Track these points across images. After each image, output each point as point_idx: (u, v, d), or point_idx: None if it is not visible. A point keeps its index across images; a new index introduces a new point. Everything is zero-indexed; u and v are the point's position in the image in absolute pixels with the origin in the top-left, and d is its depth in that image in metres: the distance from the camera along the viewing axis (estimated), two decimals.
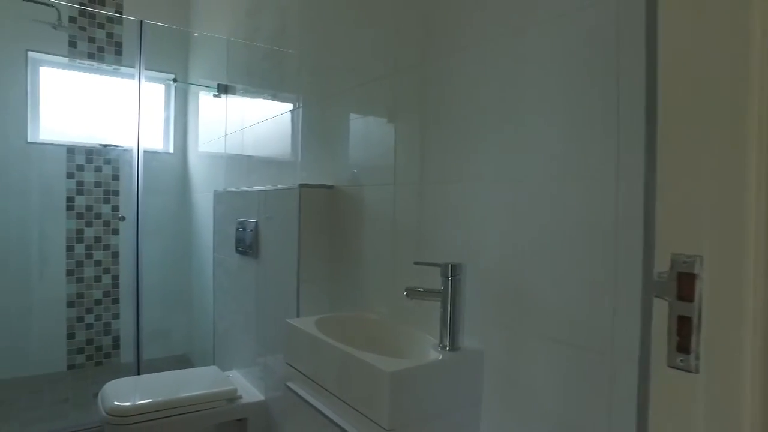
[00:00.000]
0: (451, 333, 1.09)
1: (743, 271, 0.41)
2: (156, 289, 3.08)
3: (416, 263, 1.17)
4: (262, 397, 1.86)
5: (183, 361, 3.26)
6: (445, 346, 1.09)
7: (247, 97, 2.46)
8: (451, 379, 1.05)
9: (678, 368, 0.45)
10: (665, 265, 0.46)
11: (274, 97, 2.16)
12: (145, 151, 2.66)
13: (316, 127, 1.81)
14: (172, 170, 3.42)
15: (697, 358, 0.44)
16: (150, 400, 1.71)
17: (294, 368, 1.29)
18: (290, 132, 2.00)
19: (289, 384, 1.29)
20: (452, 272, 1.08)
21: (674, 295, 0.46)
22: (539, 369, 0.98)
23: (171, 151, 3.44)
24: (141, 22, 2.53)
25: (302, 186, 1.59)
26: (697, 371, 0.44)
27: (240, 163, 2.48)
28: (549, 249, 0.96)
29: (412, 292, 1.13)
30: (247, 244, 1.94)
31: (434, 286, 1.13)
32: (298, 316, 1.56)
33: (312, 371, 1.21)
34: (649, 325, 0.45)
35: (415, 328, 1.26)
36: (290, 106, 1.99)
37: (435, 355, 1.08)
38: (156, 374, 2.02)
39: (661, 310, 0.46)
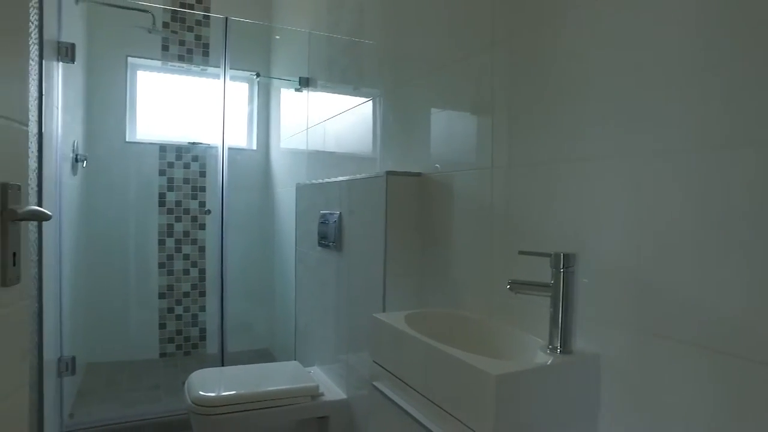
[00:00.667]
0: (562, 333, 0.95)
1: None
2: (240, 284, 3.14)
3: (521, 253, 1.04)
4: (344, 396, 1.80)
5: (265, 355, 3.31)
6: (556, 348, 0.95)
7: (328, 89, 2.43)
8: (562, 386, 0.91)
9: None
10: None
11: (355, 88, 2.10)
12: (229, 148, 2.72)
13: (397, 117, 1.72)
14: (256, 166, 3.49)
15: None
16: (234, 392, 1.70)
17: (381, 367, 1.20)
18: (371, 123, 1.93)
19: (376, 384, 1.20)
20: (565, 263, 0.94)
21: None
22: (677, 382, 0.81)
23: (254, 147, 3.52)
24: (226, 19, 2.58)
25: (389, 173, 1.50)
26: None
27: (322, 156, 2.45)
28: (691, 236, 0.79)
29: (516, 286, 1.00)
30: (330, 237, 1.89)
31: (540, 280, 1.00)
32: (383, 312, 1.47)
33: (402, 371, 1.12)
34: None
35: (516, 327, 1.13)
36: (371, 96, 1.92)
37: (544, 357, 0.94)
38: (239, 366, 2.03)
39: None
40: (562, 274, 0.95)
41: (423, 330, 1.11)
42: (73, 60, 2.23)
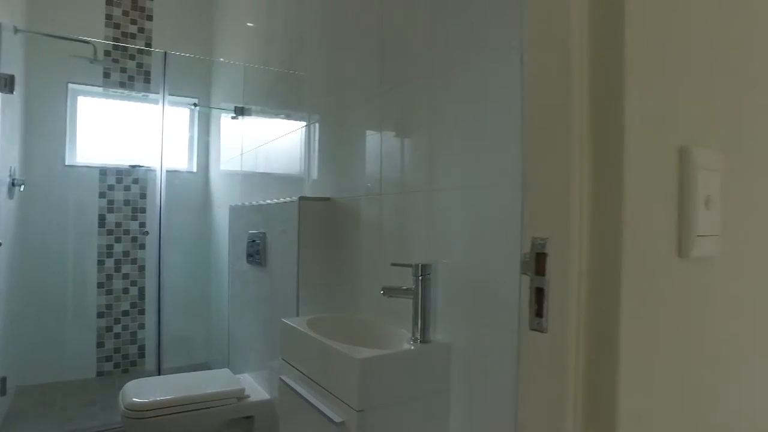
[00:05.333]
0: (421, 327, 1.21)
1: (571, 248, 0.53)
2: (179, 301, 3.28)
3: (392, 264, 1.30)
4: (268, 397, 2.00)
5: (203, 369, 3.42)
6: (417, 339, 1.21)
7: (262, 117, 2.66)
8: (420, 368, 1.17)
9: (535, 330, 0.57)
10: (528, 247, 0.58)
11: (287, 116, 2.33)
12: (167, 171, 2.88)
13: (323, 144, 1.97)
14: (196, 188, 3.65)
15: (547, 320, 0.56)
16: (164, 397, 1.86)
17: (287, 362, 1.43)
18: (302, 149, 2.16)
19: (282, 377, 1.42)
20: (422, 271, 1.21)
21: (533, 271, 0.57)
22: (499, 360, 1.08)
23: (194, 170, 3.67)
24: (165, 53, 2.77)
25: (301, 199, 1.74)
26: (546, 331, 0.56)
27: (256, 179, 2.67)
28: (507, 248, 1.07)
29: (388, 290, 1.26)
30: (256, 255, 2.11)
31: (410, 286, 1.26)
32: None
33: (301, 364, 1.35)
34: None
35: (397, 326, 1.39)
36: (302, 124, 2.15)
37: (406, 346, 1.20)
38: (173, 375, 2.19)
39: (526, 284, 0.58)
40: (420, 279, 1.21)
41: (321, 330, 1.35)
42: (11, 91, 2.36)
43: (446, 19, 1.26)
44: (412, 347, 1.19)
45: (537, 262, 0.57)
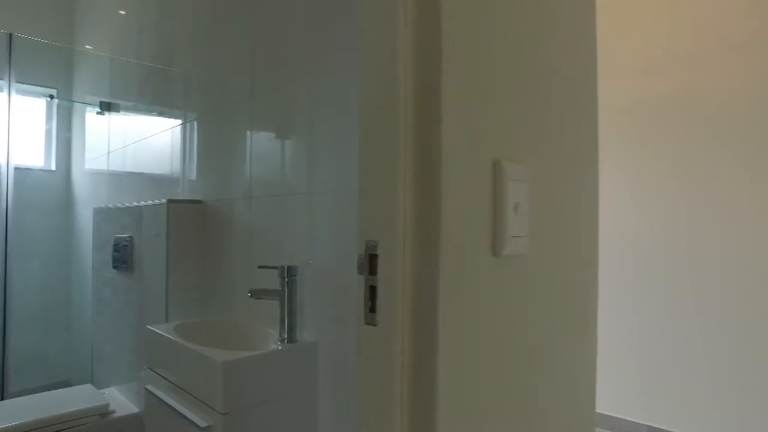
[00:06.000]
0: (288, 327, 1.24)
1: (396, 250, 0.60)
2: (32, 314, 2.94)
3: (259, 267, 1.31)
4: (136, 410, 1.89)
5: (64, 387, 3.11)
6: (284, 339, 1.24)
7: (133, 114, 2.49)
8: (286, 367, 1.20)
9: (369, 324, 0.63)
10: (362, 249, 0.64)
11: (161, 113, 2.21)
12: (17, 168, 2.58)
13: (201, 144, 1.89)
14: (54, 188, 3.30)
15: (378, 315, 0.62)
16: (6, 424, 1.68)
17: (154, 371, 1.37)
18: (178, 148, 2.05)
19: (148, 386, 1.37)
20: (288, 273, 1.24)
21: (367, 271, 0.64)
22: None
23: (53, 168, 3.32)
24: (10, 35, 2.48)
25: (170, 201, 1.68)
26: (376, 325, 0.62)
27: (125, 179, 2.49)
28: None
29: (255, 293, 1.27)
30: (123, 260, 1.98)
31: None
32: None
33: (167, 371, 1.30)
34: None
35: (267, 327, 1.40)
36: (177, 122, 2.05)
37: (273, 347, 1.22)
38: (21, 398, 1.97)
39: (361, 282, 0.64)
40: (286, 281, 1.24)
41: (190, 336, 1.31)
42: None
43: (316, 23, 1.30)
44: (279, 347, 1.22)
45: (370, 262, 0.63)
